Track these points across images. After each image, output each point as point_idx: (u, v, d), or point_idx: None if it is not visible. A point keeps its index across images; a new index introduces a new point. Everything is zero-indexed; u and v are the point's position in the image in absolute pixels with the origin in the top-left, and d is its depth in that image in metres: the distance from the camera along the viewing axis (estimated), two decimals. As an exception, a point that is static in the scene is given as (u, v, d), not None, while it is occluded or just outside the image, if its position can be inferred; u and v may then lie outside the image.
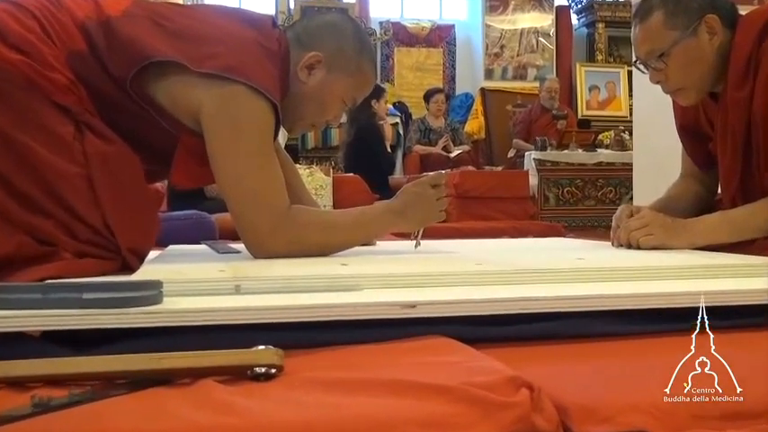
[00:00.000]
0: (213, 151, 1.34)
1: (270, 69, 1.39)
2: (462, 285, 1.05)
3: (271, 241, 1.34)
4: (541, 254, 1.54)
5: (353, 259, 1.31)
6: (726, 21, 1.61)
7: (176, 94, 1.36)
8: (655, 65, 1.64)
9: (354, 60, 1.51)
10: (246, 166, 1.33)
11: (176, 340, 0.83)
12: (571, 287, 1.03)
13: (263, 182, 1.34)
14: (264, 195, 1.34)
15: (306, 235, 1.37)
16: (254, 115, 1.34)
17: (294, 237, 1.36)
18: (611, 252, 1.53)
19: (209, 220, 2.85)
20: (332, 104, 1.53)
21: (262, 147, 1.35)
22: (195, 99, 1.34)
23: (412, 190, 1.49)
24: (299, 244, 1.36)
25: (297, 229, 1.36)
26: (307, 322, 0.88)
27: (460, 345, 0.85)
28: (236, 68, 1.33)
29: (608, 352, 0.88)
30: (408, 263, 1.30)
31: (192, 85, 1.34)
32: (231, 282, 1.00)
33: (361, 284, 1.02)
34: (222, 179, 1.35)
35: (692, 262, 1.25)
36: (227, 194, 1.36)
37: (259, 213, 1.33)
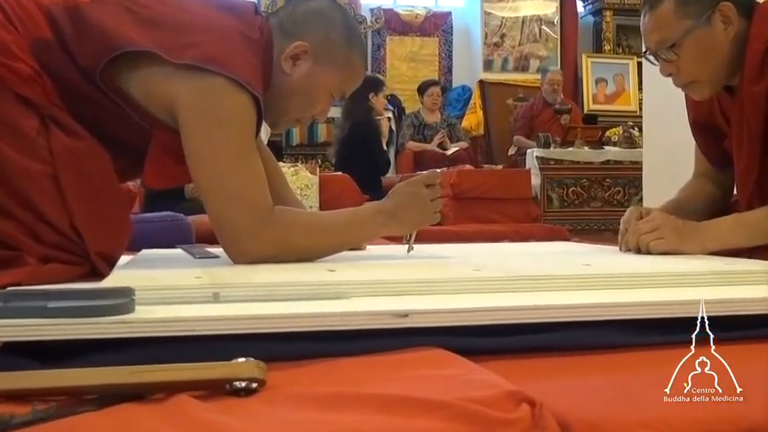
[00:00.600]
0: (190, 148, 1.34)
1: (251, 60, 1.39)
2: (459, 293, 1.05)
3: (252, 245, 1.34)
4: (544, 259, 1.54)
5: (341, 265, 1.31)
6: (742, 9, 1.62)
7: (150, 87, 1.35)
8: (665, 56, 1.64)
9: (343, 50, 1.51)
10: (226, 165, 1.33)
11: (149, 352, 0.83)
12: (576, 295, 1.03)
13: (244, 181, 1.34)
14: (245, 195, 1.34)
15: (290, 237, 1.37)
16: (235, 110, 1.34)
17: (278, 239, 1.35)
18: (619, 257, 1.54)
19: (185, 222, 2.84)
20: (318, 98, 1.53)
21: (242, 144, 1.35)
22: (171, 92, 1.34)
23: (405, 190, 1.49)
24: (284, 247, 1.36)
25: (281, 231, 1.36)
26: (291, 333, 0.88)
27: (456, 357, 0.85)
28: (215, 59, 1.33)
29: (615, 364, 0.89)
30: (400, 269, 1.30)
31: (167, 78, 1.33)
32: (209, 289, 1.00)
33: (349, 292, 1.02)
34: (200, 178, 1.35)
35: (706, 268, 1.26)
36: (204, 195, 1.36)
37: (239, 215, 1.33)
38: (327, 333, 0.89)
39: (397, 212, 1.47)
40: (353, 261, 1.43)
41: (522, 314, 0.93)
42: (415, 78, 8.11)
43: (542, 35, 8.56)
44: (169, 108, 1.35)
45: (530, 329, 0.93)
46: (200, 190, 1.37)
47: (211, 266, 1.33)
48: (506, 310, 0.93)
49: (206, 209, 1.37)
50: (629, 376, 0.85)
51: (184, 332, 0.85)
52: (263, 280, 1.07)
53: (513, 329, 0.93)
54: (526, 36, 8.53)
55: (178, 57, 1.32)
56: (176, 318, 0.86)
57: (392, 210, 1.47)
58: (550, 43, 8.58)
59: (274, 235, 1.35)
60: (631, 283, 1.12)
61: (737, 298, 1.00)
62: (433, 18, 8.56)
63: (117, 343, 0.84)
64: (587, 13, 8.96)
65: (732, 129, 1.70)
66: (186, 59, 1.32)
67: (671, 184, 2.04)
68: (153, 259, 1.60)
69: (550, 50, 8.57)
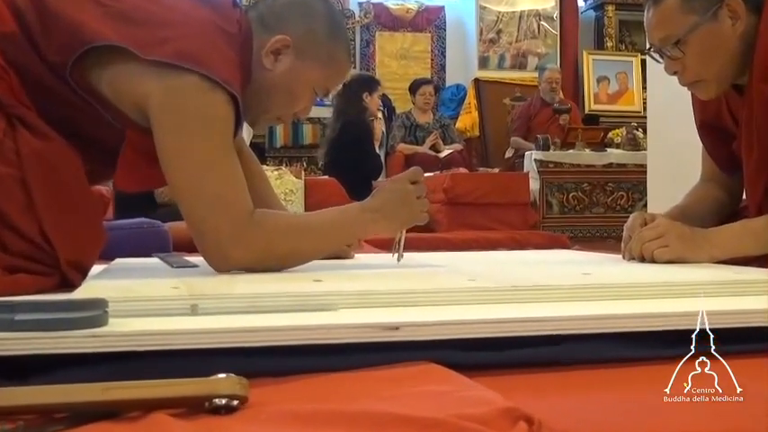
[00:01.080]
0: (164, 150, 1.34)
1: (229, 56, 1.39)
2: (452, 304, 1.05)
3: (234, 251, 1.34)
4: (543, 268, 1.55)
5: (328, 275, 1.31)
6: (750, 4, 1.63)
7: (121, 85, 1.35)
8: (670, 53, 1.65)
9: (327, 45, 1.52)
10: (202, 167, 1.33)
11: (124, 368, 0.82)
12: (576, 306, 1.04)
13: (223, 183, 1.34)
14: (224, 199, 1.34)
15: (274, 241, 1.37)
16: (211, 109, 1.34)
17: (261, 244, 1.35)
18: (622, 266, 1.55)
19: (161, 229, 2.84)
20: (301, 94, 1.53)
21: (220, 144, 1.35)
22: (142, 91, 1.34)
23: (389, 187, 1.50)
24: (268, 252, 1.36)
25: (264, 235, 1.36)
26: (274, 347, 0.88)
27: (450, 372, 0.85)
28: (189, 56, 1.33)
29: (616, 380, 0.89)
30: (390, 279, 1.30)
31: (139, 75, 1.34)
32: (187, 300, 1.00)
33: (336, 303, 1.02)
34: (175, 181, 1.35)
35: (714, 278, 1.26)
36: (180, 199, 1.36)
37: (219, 219, 1.33)
38: (313, 347, 0.89)
39: (383, 209, 1.47)
40: (341, 271, 1.43)
41: (518, 326, 0.94)
42: (405, 77, 8.12)
43: (541, 31, 8.59)
44: (141, 107, 1.35)
45: (527, 343, 0.93)
46: (175, 194, 1.37)
47: (190, 276, 1.32)
48: (502, 323, 0.94)
49: (183, 214, 1.37)
50: (631, 392, 0.85)
51: (161, 346, 0.85)
52: (244, 291, 1.07)
53: (509, 343, 0.93)
54: (524, 32, 8.56)
55: (150, 53, 1.32)
56: (152, 331, 0.86)
57: (378, 207, 1.47)
58: (549, 39, 8.61)
59: (257, 239, 1.35)
60: (634, 294, 1.13)
61: (745, 309, 1.00)
62: (425, 13, 8.57)
63: (89, 358, 0.83)
64: (588, 8, 8.99)
65: (741, 130, 1.71)
66: (159, 56, 1.32)
67: (676, 188, 2.05)
68: (127, 269, 1.60)
69: (549, 47, 8.60)
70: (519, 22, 8.54)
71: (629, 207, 5.92)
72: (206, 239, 1.35)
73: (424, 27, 8.57)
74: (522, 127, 7.13)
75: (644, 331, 0.96)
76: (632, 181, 5.98)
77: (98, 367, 0.83)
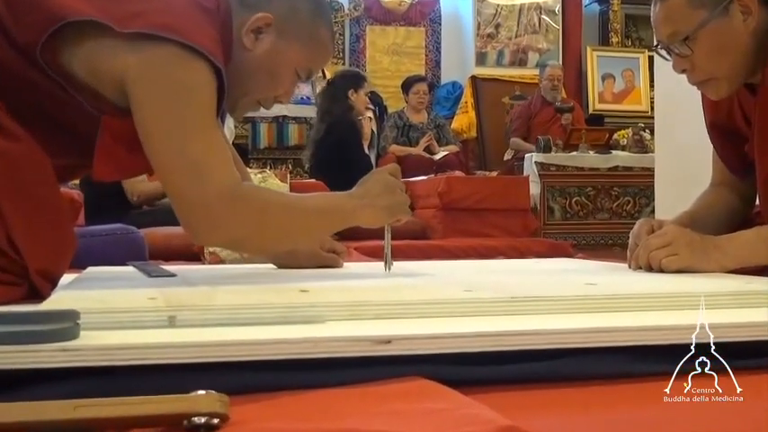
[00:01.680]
0: (143, 121, 1.34)
1: (208, 30, 1.40)
2: (447, 316, 1.05)
3: (224, 220, 1.34)
4: (544, 278, 1.55)
5: (314, 285, 1.31)
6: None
7: (97, 62, 1.36)
8: (678, 50, 1.66)
9: (310, 24, 1.53)
10: (184, 134, 1.34)
11: (97, 384, 0.82)
12: (579, 318, 1.04)
13: (206, 151, 1.35)
14: (209, 166, 1.34)
15: (266, 214, 1.38)
16: (193, 80, 1.35)
17: (252, 216, 1.36)
18: (628, 276, 1.55)
19: (136, 235, 2.83)
20: (283, 76, 1.54)
21: (202, 113, 1.36)
22: (120, 66, 1.34)
23: (371, 177, 1.53)
24: (260, 225, 1.37)
25: (255, 205, 1.37)
26: (257, 362, 0.88)
27: (445, 389, 0.86)
28: (168, 26, 1.33)
29: (621, 396, 0.89)
30: (381, 289, 1.30)
31: (116, 50, 1.34)
32: (164, 312, 1.00)
33: (323, 315, 1.02)
34: (154, 151, 1.35)
35: (725, 288, 1.27)
36: (163, 172, 1.35)
37: (204, 188, 1.33)
38: (299, 362, 0.89)
39: (367, 196, 1.49)
40: (328, 280, 1.43)
41: (518, 340, 0.94)
42: (398, 73, 8.13)
43: (542, 25, 8.62)
44: (119, 84, 1.35)
45: (527, 357, 0.93)
46: (158, 167, 1.36)
47: (167, 286, 1.32)
48: (500, 336, 0.94)
49: (166, 189, 1.37)
50: (636, 409, 0.85)
51: (136, 361, 0.85)
52: (225, 302, 1.07)
53: (508, 357, 0.93)
54: (524, 26, 8.58)
55: (126, 26, 1.33)
56: (127, 344, 0.86)
57: (363, 194, 1.49)
58: (551, 35, 8.64)
59: (249, 211, 1.36)
60: (641, 306, 1.13)
61: (757, 322, 1.01)
62: (419, 5, 8.59)
63: (60, 373, 0.83)
64: (592, 1, 9.02)
65: (754, 131, 1.72)
66: (135, 28, 1.33)
67: (686, 193, 2.06)
68: (100, 278, 1.59)
69: (551, 43, 8.62)
70: (519, 16, 8.56)
71: (635, 213, 5.94)
72: (189, 210, 1.35)
73: (417, 21, 8.59)
74: (522, 127, 7.14)
75: (651, 345, 0.97)
76: (639, 185, 6.00)
77: (69, 383, 0.83)
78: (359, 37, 8.44)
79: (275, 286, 1.35)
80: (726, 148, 1.87)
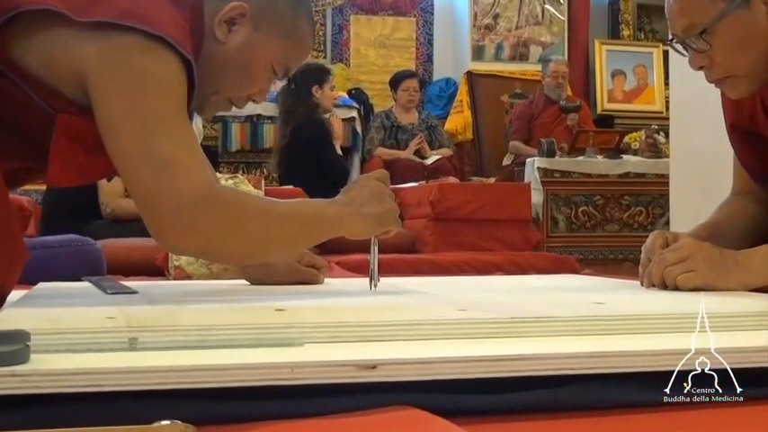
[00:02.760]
0: (106, 118, 1.34)
1: (177, 19, 1.40)
2: (439, 338, 1.06)
3: (199, 225, 1.33)
4: (547, 296, 1.56)
5: (291, 303, 1.31)
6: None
7: (53, 55, 1.36)
8: (695, 45, 1.67)
9: (289, 15, 1.54)
10: (154, 131, 1.33)
11: (49, 412, 0.82)
12: (586, 342, 1.04)
13: (175, 146, 1.34)
14: (179, 163, 1.33)
15: (244, 219, 1.37)
16: (160, 70, 1.35)
17: (230, 221, 1.36)
18: (640, 295, 1.56)
19: (93, 247, 2.82)
20: (258, 72, 1.55)
21: (172, 108, 1.36)
22: (79, 57, 1.34)
23: (357, 184, 1.53)
24: (238, 231, 1.36)
25: (233, 209, 1.37)
26: (228, 388, 0.88)
27: (436, 419, 0.86)
28: (132, 14, 1.33)
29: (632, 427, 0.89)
30: (366, 308, 1.30)
31: (75, 40, 1.34)
32: (124, 333, 0.99)
33: (301, 337, 1.02)
34: (122, 152, 1.34)
35: (746, 308, 1.27)
36: (129, 171, 1.35)
37: (178, 188, 1.32)
38: (274, 389, 0.89)
39: (353, 204, 1.48)
40: (307, 298, 1.43)
41: (518, 365, 0.94)
42: (385, 68, 8.14)
43: (545, 16, 8.66)
44: (77, 78, 1.35)
45: (527, 385, 0.94)
46: (122, 167, 1.35)
47: (127, 304, 1.32)
48: (499, 361, 0.94)
49: (131, 191, 1.36)
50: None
51: (93, 388, 0.85)
52: (192, 322, 1.07)
53: (506, 385, 0.93)
54: (525, 17, 8.61)
55: (85, 14, 1.33)
56: (83, 369, 0.86)
57: (347, 202, 1.49)
58: (555, 26, 8.68)
59: (224, 213, 1.35)
60: (654, 327, 1.14)
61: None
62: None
63: (6, 401, 0.83)
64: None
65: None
66: (95, 16, 1.33)
67: (704, 202, 2.07)
68: (53, 294, 1.59)
69: (555, 35, 8.66)
70: (520, 6, 8.59)
71: (648, 225, 5.96)
72: (158, 214, 1.34)
73: (407, 10, 8.61)
74: (523, 129, 7.16)
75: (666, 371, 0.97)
76: (652, 194, 6.02)
77: (18, 412, 0.82)
78: (342, 27, 8.45)
79: (248, 305, 1.35)
80: (747, 152, 1.88)
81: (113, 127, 1.34)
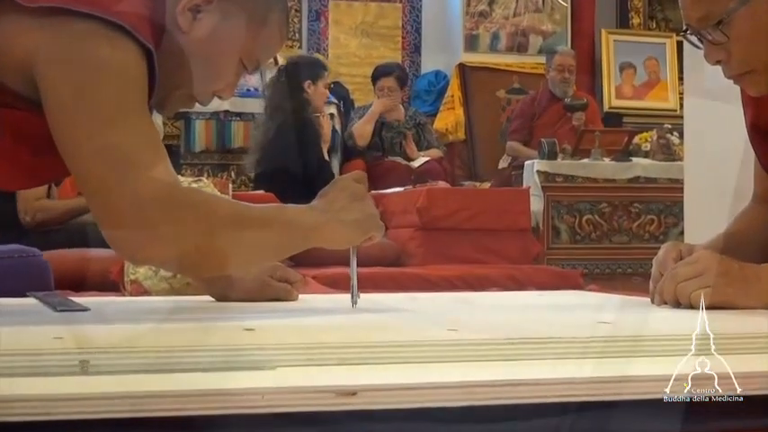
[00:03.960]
0: (57, 111, 1.34)
1: (135, 4, 1.40)
2: (427, 362, 1.06)
3: (163, 230, 1.33)
4: (547, 315, 1.56)
5: (262, 322, 1.31)
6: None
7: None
8: (712, 36, 1.68)
9: (261, 3, 1.54)
10: (111, 125, 1.33)
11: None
12: (590, 365, 1.05)
13: (140, 145, 1.34)
14: (144, 163, 1.33)
15: (210, 222, 1.37)
16: (118, 59, 1.35)
17: (199, 226, 1.35)
18: (651, 313, 1.56)
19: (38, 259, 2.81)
20: (225, 66, 1.55)
21: (132, 100, 1.36)
22: (27, 45, 1.35)
23: (334, 187, 1.52)
24: (204, 235, 1.35)
25: (201, 212, 1.37)
26: (190, 417, 0.88)
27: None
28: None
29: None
30: (345, 328, 1.30)
31: (21, 28, 1.35)
32: (74, 355, 0.99)
33: (274, 360, 1.02)
34: (75, 148, 1.34)
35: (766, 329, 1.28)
36: (82, 170, 1.35)
37: (139, 188, 1.32)
38: (243, 417, 0.89)
39: (332, 209, 1.48)
40: (280, 317, 1.43)
41: (514, 392, 0.94)
42: (368, 60, 8.16)
43: (547, 3, 8.68)
44: (25, 68, 1.35)
45: (526, 413, 0.94)
46: (75, 165, 1.35)
47: (78, 323, 1.32)
48: (492, 387, 0.94)
49: (85, 192, 1.36)
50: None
51: (40, 416, 0.84)
52: (150, 343, 1.07)
53: (502, 413, 0.94)
54: (524, 3, 8.64)
55: None
56: (27, 396, 0.86)
57: (325, 208, 1.48)
58: (558, 14, 8.71)
59: (193, 219, 1.35)
60: (666, 350, 1.14)
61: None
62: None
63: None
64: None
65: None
66: (46, 1, 1.33)
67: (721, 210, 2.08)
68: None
69: (557, 24, 8.69)
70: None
71: (660, 235, 5.98)
72: (116, 218, 1.33)
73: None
74: (523, 128, 7.17)
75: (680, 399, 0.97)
76: (665, 200, 6.04)
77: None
78: (319, 14, 8.46)
79: (213, 324, 1.35)
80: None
81: (64, 120, 1.34)
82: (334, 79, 8.01)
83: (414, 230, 5.05)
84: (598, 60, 8.67)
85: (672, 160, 6.23)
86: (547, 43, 8.34)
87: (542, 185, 5.98)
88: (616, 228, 6.10)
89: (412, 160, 6.85)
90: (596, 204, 6.08)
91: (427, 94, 8.43)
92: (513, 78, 8.24)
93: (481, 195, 5.70)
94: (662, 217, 6.13)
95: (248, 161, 6.17)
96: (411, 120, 7.18)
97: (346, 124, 7.25)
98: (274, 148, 5.61)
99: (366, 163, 6.70)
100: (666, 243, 1.75)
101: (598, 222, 6.07)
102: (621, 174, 6.17)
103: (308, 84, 5.70)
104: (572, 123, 6.95)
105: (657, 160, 6.41)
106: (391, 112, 7.05)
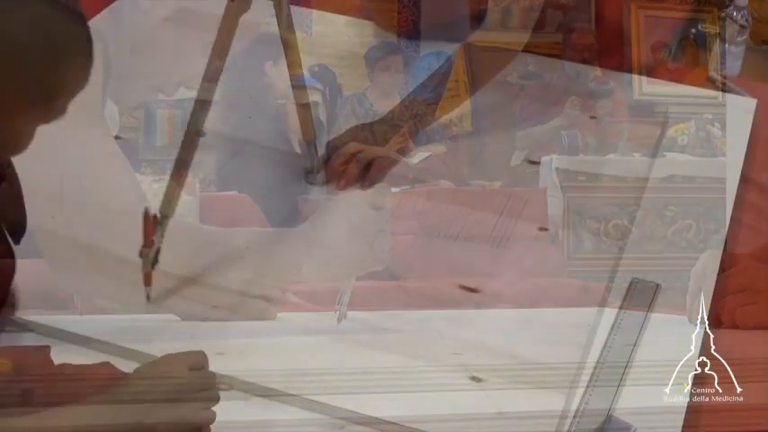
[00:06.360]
0: None
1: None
2: (425, 390, 1.06)
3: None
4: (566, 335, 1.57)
5: (236, 344, 1.32)
6: None
7: None
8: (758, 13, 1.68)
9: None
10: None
11: None
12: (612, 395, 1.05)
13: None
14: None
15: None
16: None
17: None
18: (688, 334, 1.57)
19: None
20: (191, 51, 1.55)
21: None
22: None
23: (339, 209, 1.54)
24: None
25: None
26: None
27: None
28: None
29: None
30: (331, 351, 1.31)
31: None
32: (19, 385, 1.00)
33: (248, 390, 1.03)
34: None
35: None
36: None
37: None
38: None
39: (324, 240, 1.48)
40: (256, 339, 1.43)
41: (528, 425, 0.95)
42: (358, 39, 8.16)
43: (566, -28, 8.71)
44: None
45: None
46: None
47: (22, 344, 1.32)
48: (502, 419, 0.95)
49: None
50: None
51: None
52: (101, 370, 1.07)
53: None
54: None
55: None
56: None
57: (318, 236, 1.48)
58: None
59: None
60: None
61: None
62: (390, -59, 8.65)
63: None
64: (639, -62, 9.14)
65: None
66: None
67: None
68: None
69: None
70: (533, -41, 8.64)
71: (699, 243, 5.99)
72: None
73: (387, -37, 8.65)
74: (538, 119, 7.19)
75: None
76: (704, 203, 6.05)
77: None
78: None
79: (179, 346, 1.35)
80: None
81: None
82: (318, 62, 8.02)
83: (412, 238, 5.05)
84: (626, 39, 8.68)
85: (713, 156, 6.24)
86: (567, 19, 8.35)
87: (562, 185, 5.97)
88: (647, 234, 6.11)
89: (410, 157, 6.85)
90: (625, 207, 6.09)
91: (428, 78, 8.42)
92: (528, 61, 8.24)
93: (490, 197, 5.70)
94: (701, 222, 6.13)
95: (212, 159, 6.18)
96: (407, 109, 7.17)
97: (333, 114, 7.25)
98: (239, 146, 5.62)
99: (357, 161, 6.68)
100: (706, 252, 1.76)
101: (627, 228, 6.08)
102: (654, 172, 6.17)
103: (268, 65, 5.69)
104: (595, 113, 6.96)
105: (696, 156, 6.41)
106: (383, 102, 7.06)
